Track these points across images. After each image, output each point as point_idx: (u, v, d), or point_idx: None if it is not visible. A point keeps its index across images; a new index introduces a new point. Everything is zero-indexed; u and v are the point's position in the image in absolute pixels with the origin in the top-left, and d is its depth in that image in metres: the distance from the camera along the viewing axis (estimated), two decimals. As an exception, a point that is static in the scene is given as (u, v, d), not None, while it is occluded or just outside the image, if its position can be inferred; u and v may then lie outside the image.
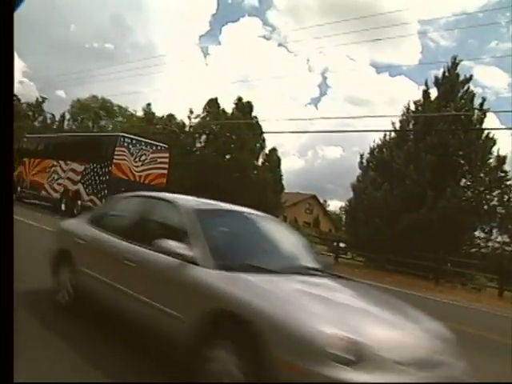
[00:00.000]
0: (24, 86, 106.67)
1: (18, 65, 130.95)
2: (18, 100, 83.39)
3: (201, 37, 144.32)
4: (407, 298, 14.52)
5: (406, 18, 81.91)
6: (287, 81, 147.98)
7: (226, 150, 31.31)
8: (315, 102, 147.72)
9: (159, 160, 23.05)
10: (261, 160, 32.83)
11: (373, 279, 18.22)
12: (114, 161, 21.51)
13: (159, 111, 44.89)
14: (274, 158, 33.60)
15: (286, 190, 37.37)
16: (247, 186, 29.44)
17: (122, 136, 22.74)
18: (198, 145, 33.48)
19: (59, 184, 23.93)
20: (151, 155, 22.60)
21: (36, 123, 70.76)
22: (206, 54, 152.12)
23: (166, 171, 23.53)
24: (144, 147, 22.56)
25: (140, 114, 50.82)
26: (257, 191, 29.64)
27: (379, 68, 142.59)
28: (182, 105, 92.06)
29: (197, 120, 33.50)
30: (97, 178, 22.07)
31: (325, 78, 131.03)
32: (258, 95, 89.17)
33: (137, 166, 22.15)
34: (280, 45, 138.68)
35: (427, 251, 20.22)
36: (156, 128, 39.10)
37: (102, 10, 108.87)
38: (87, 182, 22.42)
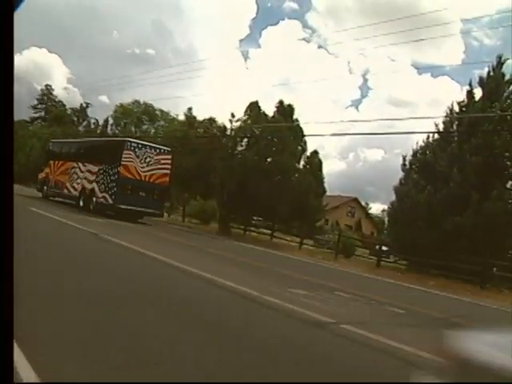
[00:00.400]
0: (68, 92, 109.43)
1: (62, 71, 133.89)
2: (63, 106, 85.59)
3: (241, 41, 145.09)
4: (454, 302, 14.36)
5: (447, 17, 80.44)
6: (328, 83, 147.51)
7: (267, 153, 31.37)
8: (356, 103, 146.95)
9: (163, 161, 25.71)
10: (302, 163, 32.77)
11: (416, 283, 18.05)
12: (122, 162, 24.29)
13: (200, 115, 45.29)
14: (315, 161, 33.54)
15: (327, 193, 37.23)
16: (288, 189, 29.46)
17: (129, 141, 25.74)
18: (239, 148, 33.63)
19: (78, 183, 27.14)
20: (155, 157, 25.30)
21: (80, 128, 72.32)
22: (246, 57, 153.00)
23: (168, 171, 26.26)
24: (149, 150, 25.39)
25: (181, 118, 51.36)
26: (298, 194, 29.63)
27: (421, 69, 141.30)
28: (223, 108, 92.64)
29: (238, 123, 33.66)
30: (108, 177, 24.88)
31: (366, 80, 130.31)
32: (299, 98, 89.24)
33: (142, 167, 24.80)
34: (320, 47, 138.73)
35: (472, 255, 19.87)
36: (197, 132, 39.51)
37: (143, 16, 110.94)
38: (100, 181, 25.33)
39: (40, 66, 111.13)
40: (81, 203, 26.19)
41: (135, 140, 26.71)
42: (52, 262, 9.43)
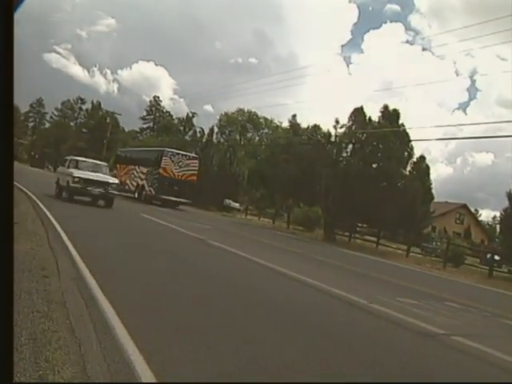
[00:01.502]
0: (174, 103, 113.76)
1: (169, 83, 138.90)
2: (170, 116, 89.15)
3: (343, 46, 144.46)
4: None
5: None
6: (433, 86, 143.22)
7: (372, 160, 31.01)
8: (464, 106, 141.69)
9: (191, 165, 35.01)
10: (408, 169, 32.03)
11: (533, 295, 17.14)
12: (162, 165, 33.54)
13: (304, 122, 45.50)
14: (422, 167, 32.71)
15: (434, 200, 36.17)
16: (395, 196, 28.89)
17: (167, 150, 35.25)
18: (344, 155, 33.47)
19: (134, 181, 36.15)
20: (185, 161, 34.57)
21: (187, 137, 74.76)
22: (348, 63, 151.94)
23: (196, 171, 35.52)
24: (181, 156, 34.87)
25: (285, 125, 51.84)
26: (405, 201, 28.99)
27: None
28: (327, 115, 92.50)
29: (342, 130, 33.51)
30: (153, 176, 33.91)
31: (473, 81, 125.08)
32: (404, 102, 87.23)
33: (176, 169, 33.96)
34: (424, 49, 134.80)
35: None
36: (302, 139, 39.69)
37: (245, 26, 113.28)
38: (148, 179, 34.34)
39: (148, 78, 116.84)
40: (136, 195, 35.16)
41: (171, 149, 35.93)
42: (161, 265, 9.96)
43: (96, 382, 3.72)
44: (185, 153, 36.27)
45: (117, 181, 23.87)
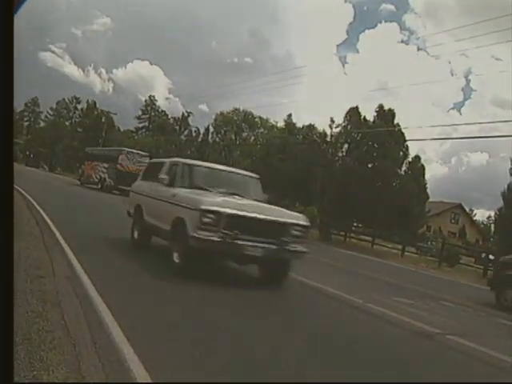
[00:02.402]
0: (170, 102, 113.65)
1: (164, 82, 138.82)
2: (166, 115, 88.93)
3: (338, 46, 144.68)
4: None
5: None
6: (428, 86, 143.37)
7: (367, 159, 31.05)
8: (458, 106, 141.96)
9: (143, 161, 36.93)
10: (404, 168, 32.05)
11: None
12: (119, 162, 38.58)
13: (300, 121, 45.51)
14: (417, 166, 32.71)
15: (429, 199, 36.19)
16: (390, 195, 28.94)
17: (123, 150, 41.22)
18: (340, 154, 33.49)
19: (98, 174, 41.61)
20: (138, 159, 39.05)
21: (182, 137, 74.65)
22: (344, 62, 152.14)
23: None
24: (134, 155, 40.06)
25: (281, 124, 51.83)
26: (400, 200, 29.02)
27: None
28: (323, 115, 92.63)
29: (338, 129, 33.53)
30: (111, 170, 39.23)
31: (468, 81, 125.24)
32: (399, 102, 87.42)
33: (130, 165, 38.44)
34: (419, 49, 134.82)
35: None
36: (297, 138, 39.69)
37: (241, 26, 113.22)
38: (108, 173, 39.83)
39: (143, 77, 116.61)
40: (99, 185, 40.47)
41: (127, 149, 42.26)
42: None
43: (105, 382, 3.72)
44: (137, 151, 42.55)
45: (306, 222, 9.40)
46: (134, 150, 42.95)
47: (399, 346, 6.62)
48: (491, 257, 26.41)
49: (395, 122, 32.19)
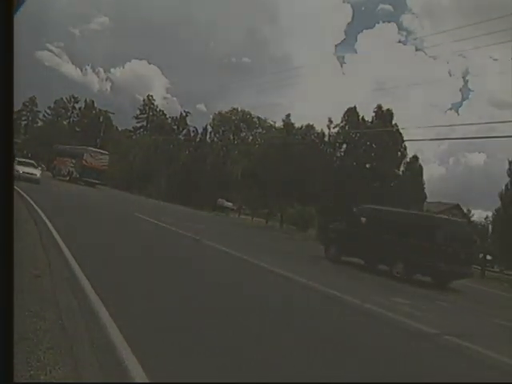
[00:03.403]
0: (168, 102, 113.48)
1: (162, 82, 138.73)
2: (164, 115, 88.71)
3: (336, 46, 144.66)
4: None
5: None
6: (426, 86, 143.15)
7: (366, 159, 31.05)
8: (456, 106, 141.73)
9: (103, 159, 48.47)
10: (401, 168, 32.06)
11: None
12: (83, 158, 46.77)
13: (298, 122, 45.40)
14: (415, 167, 32.74)
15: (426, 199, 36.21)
16: (388, 196, 28.94)
17: (87, 149, 49.12)
18: (338, 154, 33.48)
19: (67, 168, 48.92)
20: (100, 156, 48.10)
21: (180, 136, 74.42)
22: (342, 63, 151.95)
23: (106, 163, 49.14)
24: (96, 153, 48.64)
25: (279, 124, 51.77)
26: (398, 200, 29.01)
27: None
28: (321, 115, 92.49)
29: (336, 129, 33.53)
30: (78, 165, 47.17)
31: (466, 82, 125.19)
32: (397, 102, 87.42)
33: (93, 161, 46.89)
34: (418, 49, 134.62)
35: None
36: (295, 138, 39.64)
37: (239, 26, 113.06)
38: (75, 167, 47.64)
39: (141, 77, 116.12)
40: (68, 178, 47.33)
41: (90, 148, 50.05)
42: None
43: (96, 382, 3.71)
44: (99, 150, 50.96)
45: None
46: (96, 149, 51.54)
47: (395, 346, 6.62)
48: (489, 257, 26.47)
49: (393, 122, 32.20)
